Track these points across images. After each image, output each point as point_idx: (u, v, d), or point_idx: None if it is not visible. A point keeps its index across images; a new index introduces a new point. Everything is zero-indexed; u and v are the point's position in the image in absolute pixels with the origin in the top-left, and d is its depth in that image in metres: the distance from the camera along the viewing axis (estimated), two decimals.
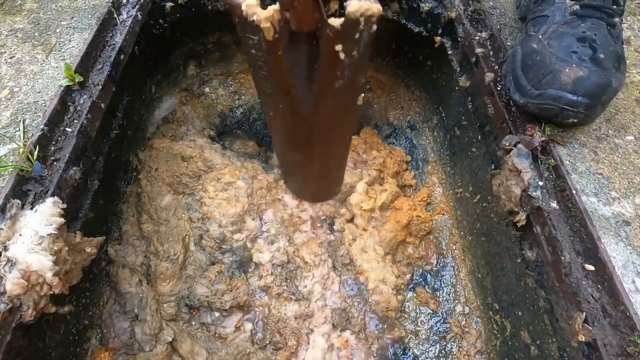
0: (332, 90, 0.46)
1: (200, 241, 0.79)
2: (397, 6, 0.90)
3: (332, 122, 0.52)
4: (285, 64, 0.43)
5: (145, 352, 0.68)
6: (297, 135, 0.56)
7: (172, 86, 1.01)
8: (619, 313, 0.47)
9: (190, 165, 0.85)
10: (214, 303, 0.73)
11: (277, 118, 0.54)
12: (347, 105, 0.49)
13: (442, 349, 0.75)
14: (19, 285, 0.45)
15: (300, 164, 0.64)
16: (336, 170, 0.65)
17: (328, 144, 0.57)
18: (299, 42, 0.42)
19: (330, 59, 0.41)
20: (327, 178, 0.66)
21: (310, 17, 0.39)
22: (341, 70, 0.43)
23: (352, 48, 0.41)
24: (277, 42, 0.40)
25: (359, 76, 0.45)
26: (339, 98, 0.47)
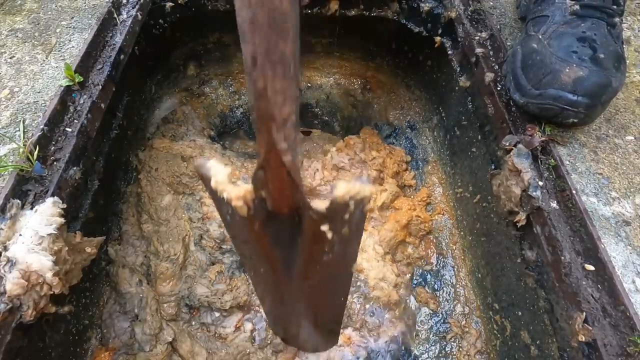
0: (319, 263, 0.41)
1: (200, 241, 0.79)
2: (397, 6, 0.90)
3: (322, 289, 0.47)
4: (264, 237, 0.38)
5: (146, 352, 0.68)
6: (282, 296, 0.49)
7: (172, 86, 1.01)
8: (619, 313, 0.47)
9: (190, 165, 0.85)
10: (214, 303, 0.73)
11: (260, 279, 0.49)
12: (338, 273, 0.45)
13: (442, 349, 0.75)
14: (19, 285, 0.45)
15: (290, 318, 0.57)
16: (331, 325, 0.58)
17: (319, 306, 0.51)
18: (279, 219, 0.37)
19: (316, 237, 0.36)
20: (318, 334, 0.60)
21: (289, 199, 0.35)
22: (329, 247, 0.38)
23: (342, 227, 0.36)
24: (253, 218, 0.36)
25: (352, 248, 0.41)
26: (329, 269, 0.42)
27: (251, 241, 0.40)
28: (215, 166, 0.34)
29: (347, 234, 0.37)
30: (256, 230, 0.37)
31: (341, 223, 0.35)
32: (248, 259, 0.46)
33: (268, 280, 0.47)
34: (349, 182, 0.32)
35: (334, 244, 0.37)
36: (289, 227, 0.38)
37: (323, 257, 0.40)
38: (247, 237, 0.40)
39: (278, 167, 0.31)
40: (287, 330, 0.62)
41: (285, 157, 0.30)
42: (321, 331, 0.58)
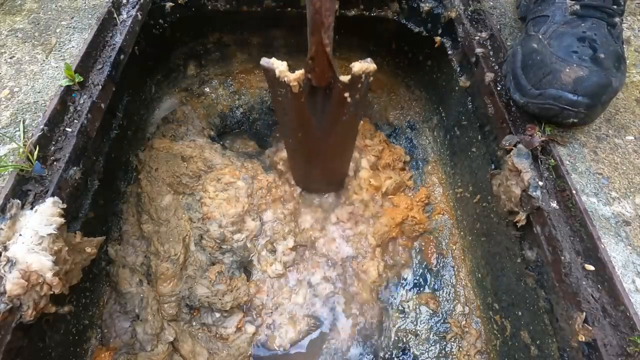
0: (339, 122, 0.62)
1: (200, 241, 0.79)
2: (397, 6, 0.90)
3: (339, 141, 0.69)
4: (305, 106, 0.58)
5: (147, 351, 0.68)
6: (310, 153, 0.72)
7: (172, 86, 1.01)
8: (619, 313, 0.47)
9: (190, 165, 0.85)
10: (214, 304, 0.73)
11: (294, 141, 0.70)
12: (350, 129, 0.67)
13: (442, 349, 0.75)
14: (19, 285, 0.45)
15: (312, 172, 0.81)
16: (342, 169, 0.83)
17: (335, 154, 0.74)
18: (316, 92, 0.57)
19: (340, 102, 0.57)
20: (335, 175, 0.83)
21: (327, 76, 0.54)
22: (347, 108, 0.58)
23: (356, 93, 0.56)
24: (300, 94, 0.55)
25: (360, 110, 0.61)
26: (344, 126, 0.63)
27: (295, 114, 0.60)
28: (277, 62, 0.53)
29: (358, 98, 0.57)
30: (301, 102, 0.56)
31: (356, 90, 0.55)
32: (289, 130, 0.67)
33: (302, 142, 0.68)
34: (361, 62, 0.52)
35: (350, 106, 0.58)
36: (322, 98, 0.58)
37: (343, 117, 0.60)
38: (292, 112, 0.59)
39: (322, 54, 0.50)
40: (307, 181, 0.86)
41: (327, 49, 0.49)
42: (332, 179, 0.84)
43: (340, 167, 0.81)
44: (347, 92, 0.55)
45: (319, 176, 0.83)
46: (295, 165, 0.82)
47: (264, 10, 0.91)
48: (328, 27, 0.47)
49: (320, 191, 0.89)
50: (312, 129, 0.63)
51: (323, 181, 0.85)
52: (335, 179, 0.85)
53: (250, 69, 1.08)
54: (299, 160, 0.78)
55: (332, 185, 0.88)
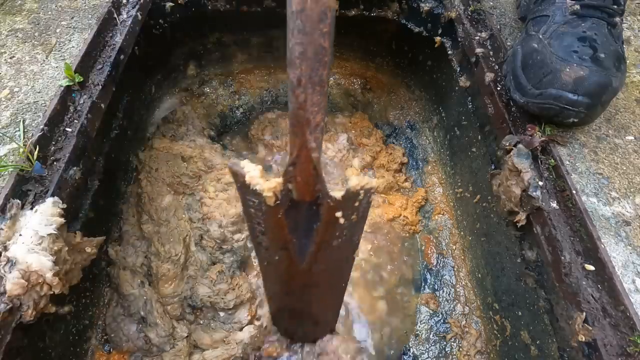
0: (329, 248, 0.48)
1: (200, 241, 0.79)
2: (397, 6, 0.90)
3: (329, 273, 0.54)
4: (284, 224, 0.45)
5: (168, 351, 0.68)
6: (292, 284, 0.57)
7: (172, 86, 1.01)
8: (619, 313, 0.47)
9: (190, 165, 0.85)
10: (217, 303, 0.73)
11: (271, 268, 0.55)
12: (343, 258, 0.53)
13: (442, 349, 0.75)
14: (19, 285, 0.45)
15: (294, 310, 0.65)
16: (331, 314, 0.67)
17: (323, 292, 0.59)
18: (300, 207, 0.44)
19: (330, 222, 0.44)
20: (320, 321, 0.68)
21: (313, 189, 0.42)
22: (340, 232, 0.46)
23: (352, 213, 0.44)
24: (277, 207, 0.43)
25: (357, 235, 0.49)
26: (336, 253, 0.50)
27: (271, 230, 0.47)
28: (249, 165, 0.42)
29: (355, 220, 0.45)
30: (279, 218, 0.44)
31: (352, 210, 0.44)
32: (263, 250, 0.52)
33: (280, 269, 0.53)
34: (360, 176, 0.41)
35: (344, 229, 0.45)
36: (306, 216, 0.45)
37: (333, 241, 0.47)
38: (267, 227, 0.47)
39: (307, 162, 0.39)
40: (289, 323, 0.69)
41: (314, 154, 0.38)
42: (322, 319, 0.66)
43: (330, 308, 0.65)
44: (339, 212, 0.43)
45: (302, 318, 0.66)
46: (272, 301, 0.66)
47: (264, 10, 0.91)
48: (315, 127, 0.37)
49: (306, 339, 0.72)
50: (293, 255, 0.49)
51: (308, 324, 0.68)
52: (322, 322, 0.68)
53: (250, 69, 1.08)
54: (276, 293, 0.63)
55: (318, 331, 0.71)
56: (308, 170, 0.40)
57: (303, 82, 0.34)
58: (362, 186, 0.41)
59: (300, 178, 0.41)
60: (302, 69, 0.34)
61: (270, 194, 0.41)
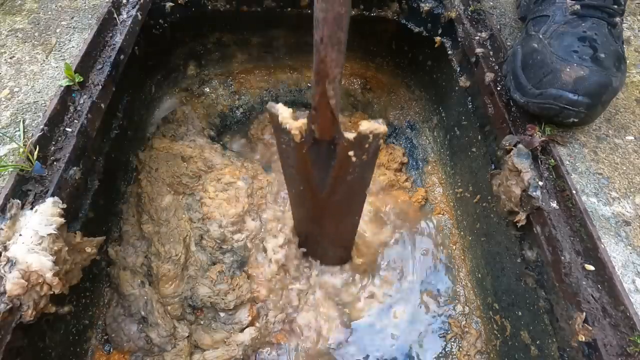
0: (343, 182, 0.57)
1: (200, 241, 0.79)
2: (397, 6, 0.90)
3: (343, 205, 0.63)
4: (308, 159, 0.54)
5: (169, 351, 0.68)
6: (313, 211, 0.68)
7: (172, 86, 1.01)
8: (619, 313, 0.47)
9: (190, 165, 0.85)
10: (217, 304, 0.73)
11: (297, 196, 0.66)
12: (355, 193, 0.61)
13: (442, 349, 0.75)
14: (19, 285, 0.45)
15: (315, 233, 0.75)
16: (345, 241, 0.76)
17: (338, 221, 0.69)
18: (320, 145, 0.53)
19: (344, 160, 0.53)
20: (336, 246, 0.77)
21: (331, 130, 0.50)
22: (352, 168, 0.54)
23: (362, 153, 0.52)
24: (302, 144, 0.52)
25: (367, 174, 0.57)
26: (349, 188, 0.59)
27: (297, 164, 0.56)
28: (282, 107, 0.51)
29: (365, 160, 0.53)
30: (304, 154, 0.53)
31: (362, 150, 0.51)
32: (291, 181, 0.63)
33: (304, 197, 0.64)
34: (370, 122, 0.49)
35: (356, 167, 0.54)
36: (326, 154, 0.54)
37: (347, 177, 0.56)
38: (295, 161, 0.56)
39: (325, 107, 0.47)
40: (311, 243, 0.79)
41: (331, 101, 0.46)
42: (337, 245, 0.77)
43: (344, 235, 0.75)
44: (351, 151, 0.51)
45: (321, 241, 0.76)
46: (297, 223, 0.77)
47: (264, 10, 0.91)
48: (333, 79, 0.44)
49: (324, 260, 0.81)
50: (314, 186, 0.59)
51: (326, 247, 0.78)
52: (338, 247, 0.78)
53: (250, 69, 1.08)
54: (301, 217, 0.74)
55: (335, 256, 0.80)
56: (327, 114, 0.48)
57: (324, 42, 0.42)
58: (372, 130, 0.49)
59: (321, 120, 0.49)
60: (324, 31, 0.42)
61: (297, 132, 0.50)
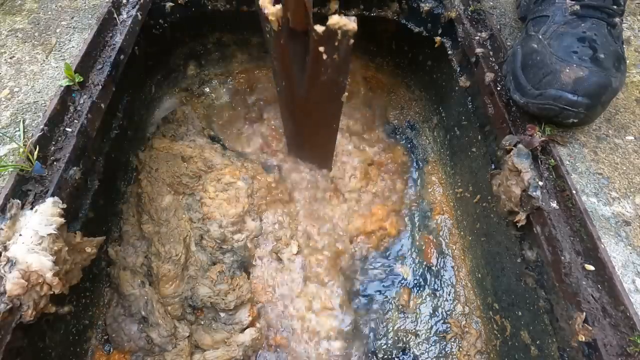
0: (318, 82, 0.57)
1: (200, 241, 0.79)
2: (397, 6, 0.90)
3: (319, 109, 0.65)
4: (287, 51, 0.55)
5: (170, 351, 0.68)
6: (295, 111, 0.69)
7: (172, 86, 1.01)
8: (619, 313, 0.47)
9: (190, 165, 0.85)
10: (218, 304, 0.73)
11: (281, 92, 0.67)
12: (331, 97, 0.60)
13: (442, 349, 0.75)
14: (19, 285, 0.45)
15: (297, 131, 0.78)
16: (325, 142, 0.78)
17: (317, 121, 0.71)
18: (296, 37, 0.53)
19: (316, 56, 0.52)
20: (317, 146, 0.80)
21: (302, 19, 0.51)
22: (325, 68, 0.53)
23: (333, 52, 0.51)
24: (280, 33, 0.52)
25: (341, 77, 0.56)
26: (324, 89, 0.58)
27: (278, 57, 0.57)
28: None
29: (337, 61, 0.52)
30: (282, 45, 0.54)
31: (332, 48, 0.50)
32: (276, 76, 0.65)
33: (287, 96, 0.65)
34: (340, 17, 0.47)
35: (328, 67, 0.53)
36: (301, 50, 0.54)
37: (321, 77, 0.55)
38: (276, 53, 0.57)
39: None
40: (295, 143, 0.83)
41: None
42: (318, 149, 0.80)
43: (322, 139, 0.77)
44: (322, 47, 0.50)
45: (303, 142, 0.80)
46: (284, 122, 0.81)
47: None
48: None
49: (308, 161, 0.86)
50: (293, 83, 0.61)
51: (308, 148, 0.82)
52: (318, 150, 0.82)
53: (250, 69, 1.08)
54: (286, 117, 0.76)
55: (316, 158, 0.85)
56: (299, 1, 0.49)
57: None
58: (340, 26, 0.47)
59: (293, 8, 0.50)
60: None
61: (274, 19, 0.50)
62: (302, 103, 0.64)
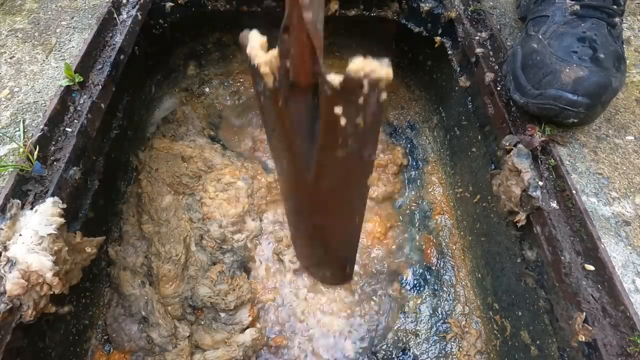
0: (333, 159, 0.39)
1: (200, 241, 0.79)
2: (397, 6, 0.90)
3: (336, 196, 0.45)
4: (287, 117, 0.38)
5: (170, 351, 0.68)
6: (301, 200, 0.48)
7: (172, 86, 1.01)
8: (619, 313, 0.47)
9: (190, 165, 0.85)
10: (218, 304, 0.73)
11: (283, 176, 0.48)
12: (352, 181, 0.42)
13: (442, 349, 0.75)
14: (19, 285, 0.45)
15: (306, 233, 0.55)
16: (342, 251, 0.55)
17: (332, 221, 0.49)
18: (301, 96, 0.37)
19: (330, 121, 0.35)
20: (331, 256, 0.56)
21: (307, 68, 0.35)
22: (343, 138, 0.37)
23: (356, 114, 0.34)
24: (277, 91, 0.37)
25: (367, 151, 0.39)
26: (342, 170, 0.41)
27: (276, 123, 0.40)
28: (255, 34, 0.35)
29: (362, 127, 0.35)
30: (280, 108, 0.37)
31: (355, 108, 0.34)
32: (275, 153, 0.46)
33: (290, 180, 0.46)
34: (366, 59, 0.31)
35: (348, 135, 0.36)
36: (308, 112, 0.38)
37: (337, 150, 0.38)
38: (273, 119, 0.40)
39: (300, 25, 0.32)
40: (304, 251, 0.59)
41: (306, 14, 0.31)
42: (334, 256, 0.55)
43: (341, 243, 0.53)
44: (339, 106, 0.34)
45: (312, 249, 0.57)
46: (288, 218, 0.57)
47: (264, 10, 0.91)
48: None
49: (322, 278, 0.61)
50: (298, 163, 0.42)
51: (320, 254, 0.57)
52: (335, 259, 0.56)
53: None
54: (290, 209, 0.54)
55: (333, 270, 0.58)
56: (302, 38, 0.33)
57: None
58: (366, 72, 0.31)
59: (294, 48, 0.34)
60: None
61: (268, 70, 0.35)
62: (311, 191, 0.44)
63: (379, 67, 0.31)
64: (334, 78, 0.32)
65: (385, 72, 0.32)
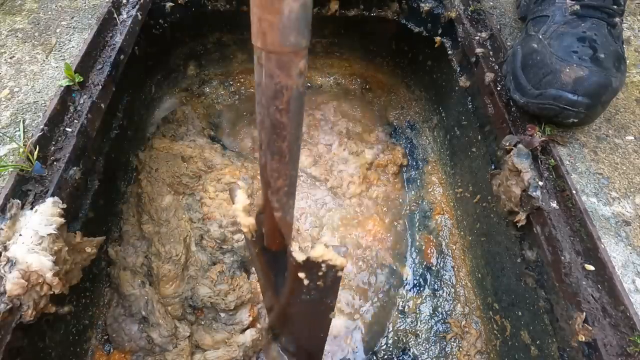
0: (300, 300, 0.47)
1: (201, 241, 0.79)
2: (397, 6, 0.90)
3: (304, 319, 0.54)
4: (262, 260, 0.46)
5: (170, 351, 0.68)
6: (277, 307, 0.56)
7: (172, 86, 1.01)
8: (619, 313, 0.47)
9: (190, 165, 0.85)
10: (218, 304, 0.73)
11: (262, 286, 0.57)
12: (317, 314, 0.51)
13: (442, 349, 0.75)
14: (19, 285, 0.45)
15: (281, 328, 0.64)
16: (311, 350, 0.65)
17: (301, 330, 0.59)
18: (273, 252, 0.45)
19: (296, 280, 0.42)
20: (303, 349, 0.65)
21: (278, 243, 0.42)
22: (307, 290, 0.44)
23: (317, 280, 0.42)
24: (255, 243, 0.44)
25: (329, 299, 0.47)
26: (308, 306, 0.49)
27: (256, 265, 0.49)
28: (241, 195, 0.42)
29: (322, 286, 0.43)
30: (257, 252, 0.45)
31: (316, 277, 0.42)
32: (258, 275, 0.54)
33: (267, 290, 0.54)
34: (327, 248, 0.38)
35: (312, 290, 0.44)
36: (279, 264, 0.45)
37: (302, 296, 0.45)
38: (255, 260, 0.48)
39: (271, 218, 0.39)
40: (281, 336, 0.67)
41: (277, 214, 0.38)
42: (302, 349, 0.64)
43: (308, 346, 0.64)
44: (302, 273, 0.42)
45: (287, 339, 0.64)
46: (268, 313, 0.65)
47: None
48: (277, 191, 0.37)
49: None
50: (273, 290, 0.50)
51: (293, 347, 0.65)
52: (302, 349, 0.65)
53: (250, 69, 1.08)
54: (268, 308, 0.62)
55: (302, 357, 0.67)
56: (273, 225, 0.40)
57: (263, 148, 0.35)
58: (325, 261, 0.39)
59: (266, 227, 0.41)
60: (262, 136, 0.34)
61: (247, 230, 0.42)
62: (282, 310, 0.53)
63: (335, 257, 0.39)
64: (299, 255, 0.39)
65: (340, 261, 0.39)
